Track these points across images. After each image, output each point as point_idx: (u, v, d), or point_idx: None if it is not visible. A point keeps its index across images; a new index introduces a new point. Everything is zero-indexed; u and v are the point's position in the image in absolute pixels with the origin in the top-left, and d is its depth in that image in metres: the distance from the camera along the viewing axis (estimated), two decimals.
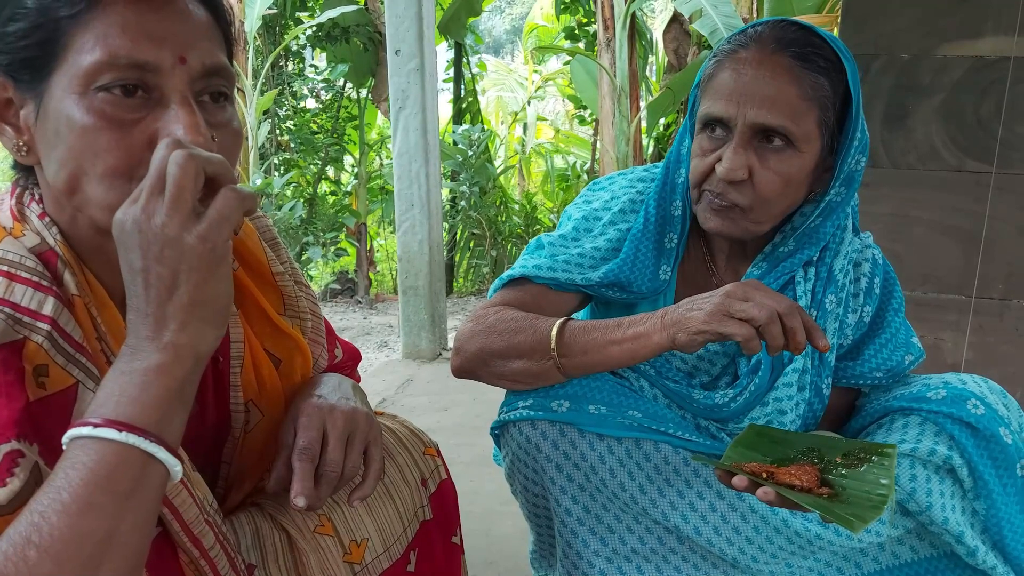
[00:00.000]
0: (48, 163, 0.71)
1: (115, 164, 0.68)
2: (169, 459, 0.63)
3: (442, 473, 1.03)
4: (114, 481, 0.60)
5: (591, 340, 1.03)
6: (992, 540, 1.07)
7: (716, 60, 1.10)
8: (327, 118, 7.49)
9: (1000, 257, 2.15)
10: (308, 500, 0.78)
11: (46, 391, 0.67)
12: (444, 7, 6.78)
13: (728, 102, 1.05)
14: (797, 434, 1.07)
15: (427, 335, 3.92)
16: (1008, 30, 2.06)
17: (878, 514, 0.84)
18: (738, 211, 1.08)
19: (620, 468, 1.06)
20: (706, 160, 1.09)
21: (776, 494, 0.88)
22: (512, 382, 1.11)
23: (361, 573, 0.90)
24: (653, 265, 1.18)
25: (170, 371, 0.63)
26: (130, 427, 0.61)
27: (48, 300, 0.68)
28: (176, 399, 0.64)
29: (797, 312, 0.94)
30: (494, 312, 1.12)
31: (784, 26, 1.07)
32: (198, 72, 0.70)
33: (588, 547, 1.09)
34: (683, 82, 6.27)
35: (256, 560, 0.86)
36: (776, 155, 1.05)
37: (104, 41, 0.66)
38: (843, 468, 0.95)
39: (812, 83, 1.04)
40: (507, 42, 21.03)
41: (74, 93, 0.67)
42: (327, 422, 0.84)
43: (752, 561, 1.08)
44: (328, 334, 1.05)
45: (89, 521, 0.58)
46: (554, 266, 1.16)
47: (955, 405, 1.07)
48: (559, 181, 8.67)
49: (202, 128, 0.68)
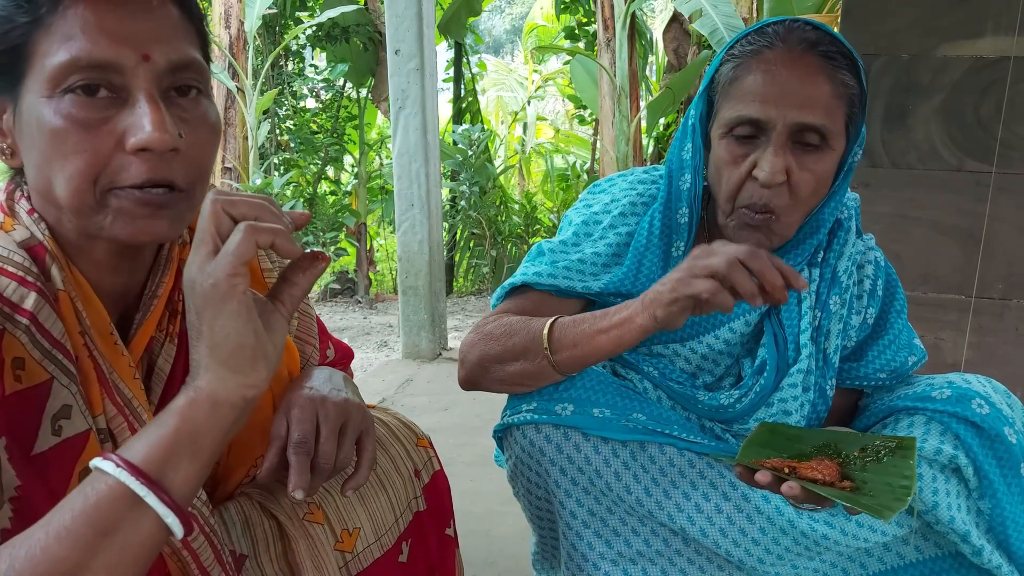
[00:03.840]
0: (27, 166, 0.72)
1: (81, 166, 0.68)
2: (161, 508, 0.60)
3: (435, 465, 1.03)
4: (97, 514, 0.59)
5: (580, 332, 1.03)
6: (997, 539, 1.07)
7: (736, 62, 1.07)
8: (327, 118, 7.50)
9: (1000, 257, 2.15)
10: (305, 493, 0.79)
11: (21, 384, 0.67)
12: (444, 7, 6.78)
13: (765, 104, 1.03)
14: (810, 430, 1.06)
15: (427, 335, 3.92)
16: (1008, 30, 2.06)
17: (903, 505, 0.83)
18: (773, 220, 1.08)
19: (625, 471, 1.06)
20: (740, 169, 1.06)
21: (801, 488, 0.87)
22: (513, 385, 1.11)
23: (352, 562, 0.91)
24: (660, 276, 1.16)
25: (184, 414, 0.63)
26: (131, 466, 0.60)
27: (30, 295, 0.68)
28: (186, 445, 0.62)
29: (762, 255, 0.91)
30: (493, 320, 1.12)
31: (801, 26, 1.06)
32: (163, 68, 0.70)
33: (593, 549, 1.09)
34: (683, 82, 6.27)
35: (247, 549, 0.86)
36: (810, 155, 1.05)
37: (66, 43, 0.67)
38: (863, 462, 0.95)
39: (841, 81, 1.04)
40: (507, 42, 21.03)
41: (43, 96, 0.68)
42: (319, 413, 0.84)
43: (758, 562, 1.08)
44: (321, 333, 1.05)
45: (62, 547, 0.58)
46: (555, 273, 1.16)
47: (960, 404, 1.07)
48: (559, 181, 8.67)
49: (167, 125, 0.68)
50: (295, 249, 0.66)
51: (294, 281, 0.69)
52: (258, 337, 0.64)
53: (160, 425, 0.63)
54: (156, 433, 0.62)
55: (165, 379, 0.82)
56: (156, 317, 0.81)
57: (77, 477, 0.71)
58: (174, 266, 0.82)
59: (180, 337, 0.83)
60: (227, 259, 0.61)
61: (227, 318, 0.62)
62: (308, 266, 0.69)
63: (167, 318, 0.83)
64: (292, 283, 0.69)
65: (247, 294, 0.63)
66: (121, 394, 0.75)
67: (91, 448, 0.72)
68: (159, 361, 0.82)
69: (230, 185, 6.67)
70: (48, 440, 0.69)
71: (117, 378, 0.75)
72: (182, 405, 0.63)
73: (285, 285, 0.70)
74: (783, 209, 1.07)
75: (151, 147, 0.68)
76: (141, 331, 0.80)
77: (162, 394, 0.82)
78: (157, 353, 0.82)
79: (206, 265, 0.62)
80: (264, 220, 0.64)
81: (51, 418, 0.69)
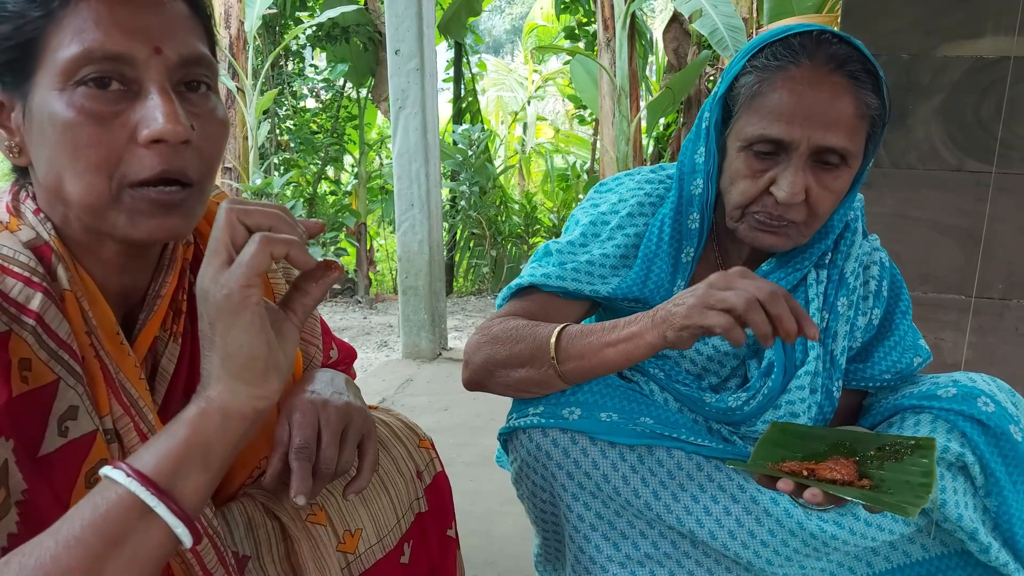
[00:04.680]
0: (38, 163, 0.72)
1: (95, 159, 0.68)
2: (170, 518, 0.61)
3: (437, 466, 1.03)
4: (107, 523, 0.59)
5: (587, 344, 1.02)
6: (1003, 537, 1.07)
7: (760, 76, 1.06)
8: (327, 118, 7.49)
9: (1000, 257, 2.15)
10: (307, 499, 0.79)
11: (28, 386, 0.67)
12: (444, 7, 6.79)
13: (790, 125, 1.02)
14: (823, 428, 1.06)
15: (427, 335, 3.92)
16: (1008, 30, 2.06)
17: (924, 502, 0.83)
18: (792, 226, 1.08)
19: (632, 475, 1.06)
20: (758, 184, 1.07)
21: (823, 493, 0.87)
22: (517, 391, 1.10)
23: (354, 563, 0.91)
24: (668, 282, 1.17)
25: (195, 425, 0.63)
26: (141, 476, 0.60)
27: (36, 296, 0.68)
28: (197, 456, 0.62)
29: (781, 297, 0.90)
30: (499, 323, 1.11)
31: (828, 39, 1.04)
32: (175, 62, 0.70)
33: (601, 552, 1.08)
34: (683, 82, 6.27)
35: (250, 551, 0.86)
36: (829, 173, 1.05)
37: (78, 36, 0.67)
38: (880, 461, 0.95)
39: (865, 101, 1.04)
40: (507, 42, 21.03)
41: (55, 90, 0.68)
42: (321, 417, 0.85)
43: (767, 564, 1.08)
44: (324, 333, 1.05)
45: (72, 556, 0.58)
46: (563, 275, 1.15)
47: (966, 402, 1.07)
48: (559, 181, 8.67)
49: (180, 117, 0.69)
50: (310, 260, 0.65)
51: (306, 290, 0.70)
52: (271, 348, 0.64)
53: (170, 435, 0.63)
54: (166, 443, 0.62)
55: (169, 379, 0.82)
56: (160, 317, 0.81)
57: (83, 479, 0.71)
58: (178, 266, 0.83)
59: (184, 337, 0.84)
60: (241, 270, 0.61)
61: (240, 330, 0.62)
62: (320, 275, 0.69)
63: (171, 318, 0.83)
64: (304, 292, 0.70)
65: (260, 305, 0.63)
66: (127, 394, 0.75)
67: (97, 449, 0.72)
68: (163, 361, 0.82)
69: (230, 185, 6.67)
70: (55, 441, 0.69)
71: (123, 378, 0.75)
72: (193, 416, 0.63)
73: (297, 294, 0.70)
74: (801, 222, 1.08)
75: (164, 138, 0.68)
76: (145, 331, 0.80)
77: (166, 394, 0.82)
78: (161, 353, 0.82)
79: (219, 276, 0.62)
80: (279, 231, 0.64)
81: (57, 419, 0.69)
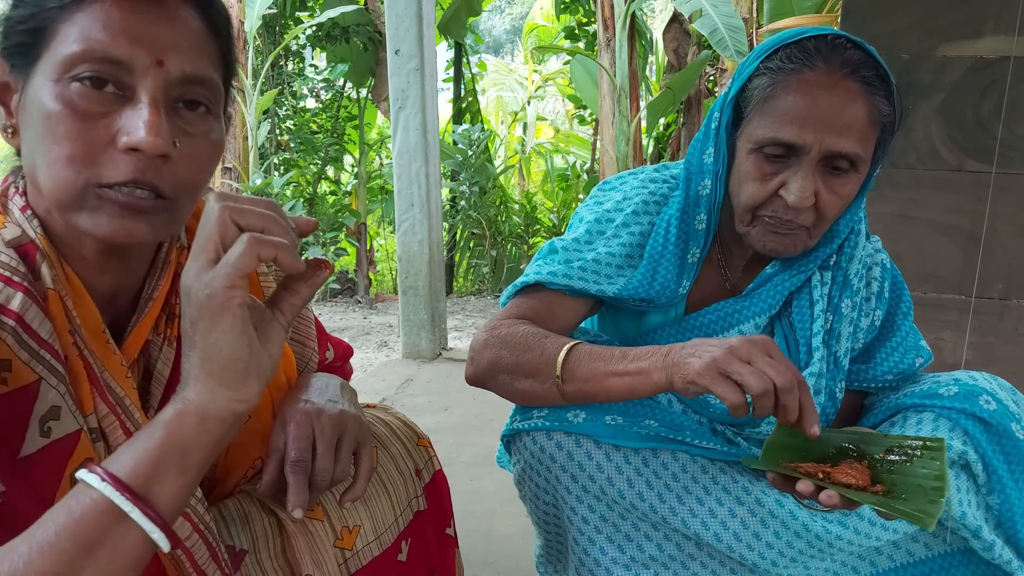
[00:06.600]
0: (24, 149, 0.72)
1: (69, 152, 0.68)
2: (146, 524, 0.59)
3: (435, 464, 1.03)
4: (81, 528, 0.58)
5: (593, 369, 1.00)
6: (1006, 534, 1.07)
7: (774, 79, 1.05)
8: (327, 118, 7.50)
9: (1000, 257, 2.15)
10: (304, 511, 0.80)
11: (7, 387, 0.66)
12: (444, 7, 6.79)
13: (803, 129, 1.02)
14: (830, 430, 1.05)
15: (427, 335, 3.92)
16: (1008, 30, 2.05)
17: (940, 509, 0.83)
18: (801, 230, 1.08)
19: (638, 478, 1.06)
20: (767, 187, 1.07)
21: (840, 496, 0.87)
22: (518, 399, 1.10)
23: (351, 559, 0.91)
24: (674, 283, 1.16)
25: (171, 427, 0.61)
26: (116, 480, 0.59)
27: (16, 295, 0.68)
28: (173, 459, 0.61)
29: (796, 389, 0.88)
30: (507, 325, 1.10)
31: (843, 44, 1.05)
32: (176, 77, 0.70)
33: (606, 555, 1.08)
34: (683, 82, 6.27)
35: (247, 545, 0.86)
36: (839, 178, 1.05)
37: (84, 34, 0.67)
38: (891, 464, 0.94)
39: (878, 108, 1.04)
40: (507, 42, 21.04)
41: (50, 80, 0.68)
42: (315, 428, 0.84)
43: (771, 565, 1.08)
44: (319, 334, 1.04)
45: (46, 562, 0.57)
46: (569, 273, 1.14)
47: (968, 401, 1.07)
48: (559, 181, 8.67)
49: (162, 131, 0.68)
50: (298, 264, 0.63)
51: (295, 290, 0.67)
52: (252, 351, 0.62)
53: (147, 438, 0.61)
54: (143, 446, 0.61)
55: (164, 383, 0.82)
56: (151, 320, 0.80)
57: (68, 479, 0.70)
58: (171, 269, 0.82)
59: (178, 341, 0.83)
60: (226, 270, 0.59)
61: (221, 331, 0.60)
62: (310, 275, 0.67)
63: (164, 321, 0.82)
64: (293, 291, 0.67)
65: (244, 307, 0.60)
66: (113, 393, 0.74)
67: (82, 448, 0.71)
68: (157, 365, 0.82)
69: (230, 185, 6.67)
70: (36, 442, 0.68)
71: (109, 377, 0.74)
72: (169, 417, 0.61)
73: (286, 293, 0.67)
74: (809, 227, 1.08)
75: (141, 148, 0.67)
76: (135, 333, 0.79)
77: (161, 398, 0.82)
78: (156, 357, 0.82)
79: (204, 274, 0.60)
80: (271, 232, 0.62)
81: (39, 419, 0.68)
